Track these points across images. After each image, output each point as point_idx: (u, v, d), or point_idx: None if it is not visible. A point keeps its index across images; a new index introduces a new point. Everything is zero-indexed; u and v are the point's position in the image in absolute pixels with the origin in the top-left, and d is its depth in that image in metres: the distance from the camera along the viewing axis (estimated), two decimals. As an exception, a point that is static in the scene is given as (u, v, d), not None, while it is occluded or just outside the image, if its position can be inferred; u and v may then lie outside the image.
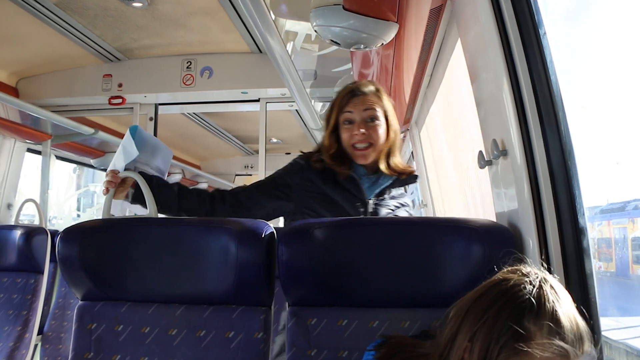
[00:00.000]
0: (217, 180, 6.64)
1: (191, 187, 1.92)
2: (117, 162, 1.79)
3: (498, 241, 1.36)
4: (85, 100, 3.75)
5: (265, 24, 2.25)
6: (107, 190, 1.76)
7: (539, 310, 0.94)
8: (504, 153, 1.42)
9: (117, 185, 1.77)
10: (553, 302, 0.95)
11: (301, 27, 3.65)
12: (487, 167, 1.60)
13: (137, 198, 1.81)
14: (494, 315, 0.97)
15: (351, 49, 2.07)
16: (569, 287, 1.26)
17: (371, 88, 1.92)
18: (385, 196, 1.93)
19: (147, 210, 1.70)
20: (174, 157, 1.90)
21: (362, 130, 1.85)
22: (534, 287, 0.96)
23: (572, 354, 0.93)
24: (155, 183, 1.80)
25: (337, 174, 1.89)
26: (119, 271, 1.53)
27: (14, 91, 3.61)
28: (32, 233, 2.73)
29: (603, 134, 1.56)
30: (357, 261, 1.41)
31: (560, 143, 1.29)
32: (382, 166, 1.89)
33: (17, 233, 2.72)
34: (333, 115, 1.92)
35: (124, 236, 1.54)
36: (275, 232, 1.50)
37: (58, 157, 4.64)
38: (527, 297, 0.95)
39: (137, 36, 3.26)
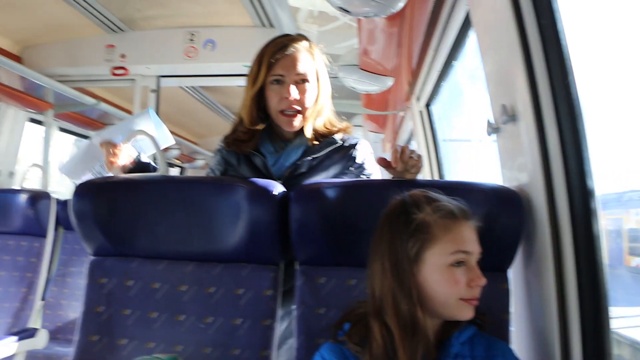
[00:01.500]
0: (214, 158, 6.62)
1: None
2: (115, 134, 1.77)
3: (506, 204, 1.39)
4: (88, 70, 3.74)
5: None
6: (112, 163, 1.73)
7: (418, 202, 1.19)
8: (513, 118, 1.44)
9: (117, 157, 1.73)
10: (426, 194, 1.21)
11: (303, 3, 3.66)
12: (494, 134, 1.62)
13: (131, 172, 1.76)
14: (389, 228, 1.19)
15: (360, 17, 2.08)
16: (577, 248, 1.29)
17: (304, 43, 1.73)
18: (304, 172, 1.71)
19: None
20: (172, 132, 1.89)
21: (295, 96, 1.67)
22: (409, 196, 1.21)
23: (458, 212, 1.17)
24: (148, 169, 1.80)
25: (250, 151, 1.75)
26: (130, 227, 1.56)
27: (18, 59, 3.60)
28: (37, 197, 2.75)
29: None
30: (367, 222, 1.42)
31: (570, 106, 1.30)
32: (308, 132, 1.72)
33: (23, 197, 2.74)
34: (261, 75, 1.68)
35: (137, 193, 1.56)
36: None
37: (60, 129, 4.64)
38: (406, 200, 1.20)
39: (141, 6, 3.25)
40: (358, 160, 1.74)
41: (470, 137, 3.38)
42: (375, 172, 1.79)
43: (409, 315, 1.13)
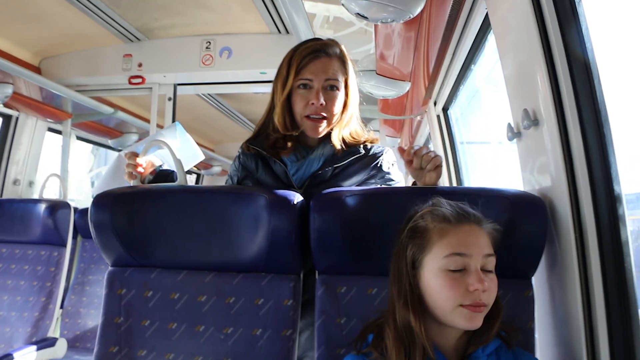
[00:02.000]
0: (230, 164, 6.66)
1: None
2: (139, 147, 1.74)
3: (529, 211, 1.37)
4: (106, 79, 3.76)
5: (293, 1, 2.24)
6: (131, 175, 1.70)
7: (423, 210, 1.20)
8: (535, 123, 1.42)
9: (137, 167, 1.70)
10: (435, 202, 1.21)
11: (319, 9, 3.65)
12: (515, 139, 1.59)
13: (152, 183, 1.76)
14: (398, 237, 1.22)
15: (378, 23, 2.07)
16: (603, 255, 1.26)
17: (336, 49, 1.69)
18: (326, 180, 1.67)
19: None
20: None
21: (322, 101, 1.63)
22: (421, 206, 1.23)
23: (455, 216, 1.16)
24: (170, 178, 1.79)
25: (269, 158, 1.71)
26: (149, 237, 1.55)
27: (37, 70, 3.63)
28: (56, 207, 2.78)
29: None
30: (387, 230, 1.40)
31: (594, 110, 1.28)
32: (335, 140, 1.68)
33: (42, 207, 2.77)
34: (290, 79, 1.65)
35: (155, 203, 1.56)
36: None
37: (78, 138, 4.68)
38: (416, 209, 1.22)
39: (157, 15, 3.26)
40: (384, 169, 1.72)
41: (489, 139, 3.35)
42: (400, 180, 1.76)
43: (402, 322, 1.13)
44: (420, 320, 1.12)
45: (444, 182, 3.57)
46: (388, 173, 1.73)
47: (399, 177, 1.76)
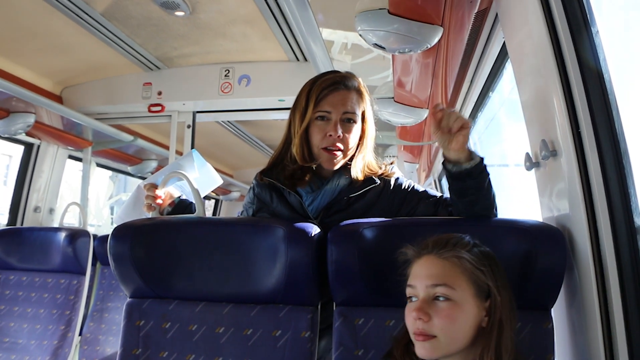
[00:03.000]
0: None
1: None
2: (158, 177, 1.78)
3: (548, 242, 1.35)
4: (126, 108, 3.80)
5: (310, 30, 2.27)
6: (150, 206, 1.73)
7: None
8: (553, 154, 1.41)
9: (156, 199, 1.73)
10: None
11: (337, 36, 3.69)
12: (533, 169, 1.59)
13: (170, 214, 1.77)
14: None
15: (395, 53, 2.08)
16: (623, 290, 1.24)
17: (354, 82, 1.69)
18: (342, 209, 1.66)
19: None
20: None
21: (340, 133, 1.63)
22: None
23: (417, 249, 1.21)
24: (189, 210, 1.80)
25: (283, 189, 1.70)
26: (167, 269, 1.56)
27: (58, 99, 3.69)
28: (76, 235, 2.79)
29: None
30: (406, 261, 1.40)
31: (613, 141, 1.27)
32: (355, 172, 1.66)
33: (62, 235, 2.79)
34: (309, 109, 1.64)
35: (174, 235, 1.57)
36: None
37: (98, 165, 4.74)
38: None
39: (177, 45, 3.31)
40: (405, 186, 1.71)
41: (507, 162, 3.33)
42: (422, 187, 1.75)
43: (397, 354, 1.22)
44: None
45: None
46: (417, 189, 1.72)
47: (419, 186, 1.75)
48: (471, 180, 1.42)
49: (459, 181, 1.43)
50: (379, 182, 1.69)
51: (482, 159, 1.43)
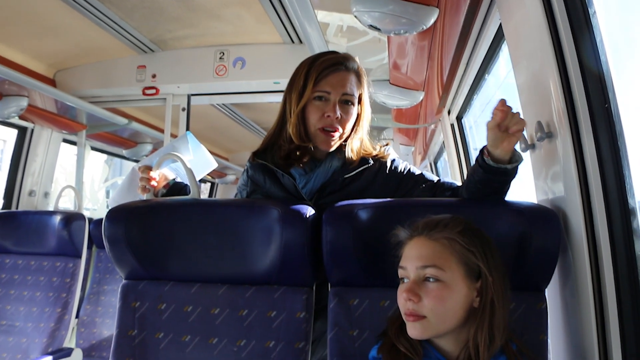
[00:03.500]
0: (244, 172, 6.68)
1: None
2: (152, 159, 1.77)
3: (543, 224, 1.36)
4: (120, 91, 3.79)
5: (305, 11, 2.25)
6: (144, 188, 1.72)
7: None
8: (549, 135, 1.41)
9: (151, 181, 1.72)
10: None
11: (332, 18, 3.66)
12: (529, 151, 1.58)
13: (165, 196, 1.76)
14: None
15: (391, 35, 2.07)
16: (616, 271, 1.25)
17: (354, 64, 1.68)
18: (336, 190, 1.66)
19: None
20: None
21: (338, 114, 1.62)
22: None
23: (409, 231, 1.22)
24: (184, 192, 1.79)
25: (276, 171, 1.69)
26: (162, 251, 1.56)
27: (51, 82, 3.66)
28: (71, 218, 2.80)
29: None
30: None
31: (608, 123, 1.26)
32: (349, 152, 1.66)
33: (57, 218, 2.79)
34: (308, 89, 1.63)
35: (168, 217, 1.57)
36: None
37: (93, 148, 4.72)
38: None
39: (171, 27, 3.28)
40: (401, 169, 1.70)
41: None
42: (418, 169, 1.73)
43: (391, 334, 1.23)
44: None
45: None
46: (413, 172, 1.70)
47: (415, 168, 1.74)
48: (504, 177, 1.41)
49: (491, 174, 1.41)
50: (372, 162, 1.69)
51: (522, 160, 1.42)
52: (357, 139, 1.70)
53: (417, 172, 1.71)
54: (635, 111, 1.35)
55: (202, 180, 7.19)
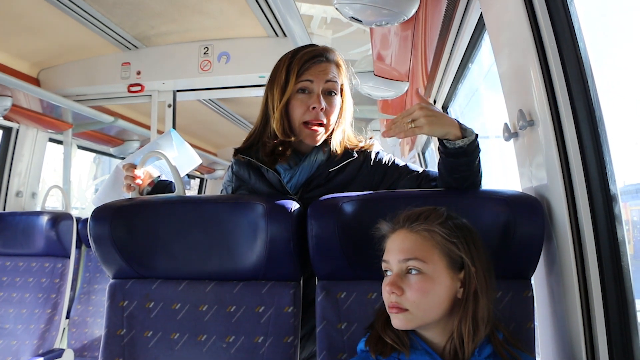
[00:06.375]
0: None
1: None
2: (136, 157, 1.75)
3: (527, 212, 1.36)
4: (105, 88, 3.76)
5: (287, 5, 2.24)
6: (129, 187, 1.70)
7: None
8: (531, 123, 1.42)
9: (135, 179, 1.70)
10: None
11: (316, 11, 3.65)
12: (512, 139, 1.59)
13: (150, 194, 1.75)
14: None
15: (373, 26, 2.06)
16: (600, 257, 1.26)
17: (335, 56, 1.67)
18: (321, 183, 1.66)
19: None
20: (190, 144, 1.84)
21: (323, 105, 1.61)
22: None
23: (391, 224, 1.23)
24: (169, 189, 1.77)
25: (261, 167, 1.68)
26: (149, 249, 1.56)
27: (35, 82, 3.64)
28: (59, 218, 2.78)
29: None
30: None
31: (589, 110, 1.27)
32: (334, 145, 1.67)
33: (44, 219, 2.78)
34: (290, 84, 1.61)
35: (154, 215, 1.56)
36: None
37: (79, 147, 4.69)
38: None
39: (154, 23, 3.26)
40: (386, 161, 1.70)
41: (488, 134, 3.34)
42: (403, 161, 1.74)
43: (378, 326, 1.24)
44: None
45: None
46: (393, 162, 1.71)
47: (400, 160, 1.74)
48: (465, 157, 1.42)
49: (453, 158, 1.42)
50: (357, 155, 1.69)
51: (476, 135, 1.42)
52: (340, 131, 1.70)
53: (402, 163, 1.71)
54: (615, 97, 1.36)
55: (191, 176, 7.18)
